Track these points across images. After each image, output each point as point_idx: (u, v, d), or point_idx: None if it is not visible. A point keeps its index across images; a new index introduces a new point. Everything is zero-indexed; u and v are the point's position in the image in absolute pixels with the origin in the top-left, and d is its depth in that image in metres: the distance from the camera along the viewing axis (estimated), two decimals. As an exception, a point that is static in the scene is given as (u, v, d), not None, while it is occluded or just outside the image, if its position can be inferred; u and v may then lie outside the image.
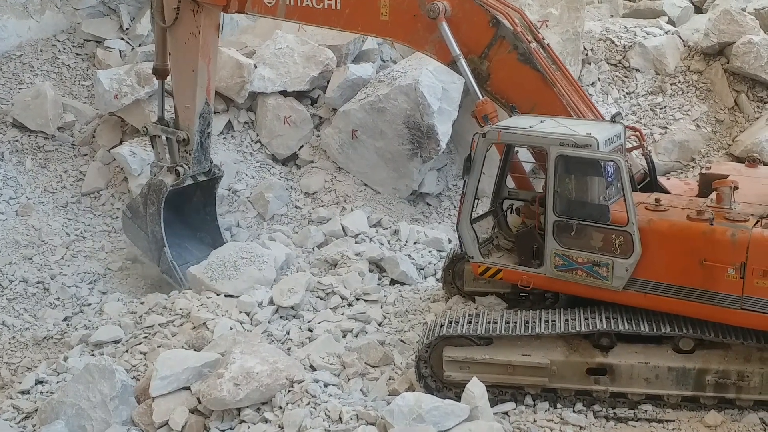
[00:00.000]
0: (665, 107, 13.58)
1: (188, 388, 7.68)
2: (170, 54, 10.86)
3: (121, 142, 13.51)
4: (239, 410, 7.33)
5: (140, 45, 15.28)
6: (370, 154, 13.15)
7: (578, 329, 7.26)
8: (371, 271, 10.53)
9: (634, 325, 7.23)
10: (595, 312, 7.47)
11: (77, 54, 15.17)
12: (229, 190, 12.96)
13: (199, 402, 7.52)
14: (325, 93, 13.87)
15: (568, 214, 7.44)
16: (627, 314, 7.36)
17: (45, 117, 13.57)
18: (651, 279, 7.20)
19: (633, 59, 14.05)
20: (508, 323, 7.51)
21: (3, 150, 13.42)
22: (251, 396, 7.27)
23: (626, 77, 14.02)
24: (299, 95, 13.92)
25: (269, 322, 9.29)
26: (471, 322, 7.56)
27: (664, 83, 13.84)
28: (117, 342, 9.34)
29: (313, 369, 8.09)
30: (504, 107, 8.67)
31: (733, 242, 6.81)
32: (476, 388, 6.90)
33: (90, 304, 11.14)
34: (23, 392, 8.64)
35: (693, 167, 12.91)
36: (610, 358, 7.32)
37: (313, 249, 11.63)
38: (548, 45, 8.98)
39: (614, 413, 7.37)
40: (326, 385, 7.70)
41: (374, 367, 8.29)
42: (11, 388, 8.99)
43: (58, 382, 8.61)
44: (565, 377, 7.42)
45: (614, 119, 8.17)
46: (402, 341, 8.81)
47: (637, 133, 8.76)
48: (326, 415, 7.09)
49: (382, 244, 11.38)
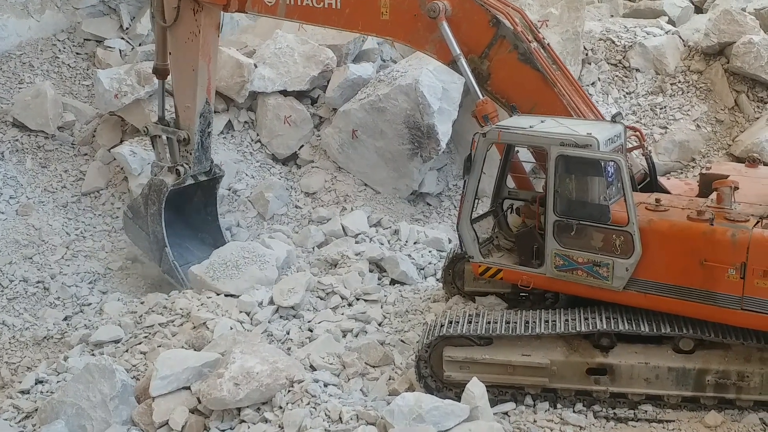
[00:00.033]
0: (665, 107, 13.57)
1: (188, 388, 7.67)
2: (170, 53, 10.85)
3: (121, 142, 13.50)
4: (239, 410, 7.33)
5: (140, 44, 15.27)
6: (370, 154, 13.14)
7: (578, 329, 7.26)
8: (371, 271, 10.52)
9: (635, 326, 7.22)
10: (595, 312, 7.47)
11: (77, 53, 15.17)
12: (229, 190, 12.96)
13: (199, 402, 7.52)
14: (326, 93, 13.85)
15: (569, 214, 7.44)
16: (627, 314, 7.36)
17: (45, 116, 13.57)
18: (651, 279, 7.20)
19: (633, 59, 14.04)
20: (508, 323, 7.50)
21: (3, 149, 13.42)
22: (251, 396, 7.26)
23: (626, 77, 14.01)
24: (299, 95, 13.91)
25: (269, 322, 9.29)
26: (471, 322, 7.56)
27: (665, 83, 13.83)
28: (117, 342, 9.34)
29: (313, 369, 8.08)
30: (504, 107, 8.66)
31: (734, 242, 6.80)
32: (476, 388, 6.90)
33: (90, 304, 11.14)
34: (23, 392, 8.63)
35: (693, 167, 12.91)
36: (610, 359, 7.32)
37: (313, 249, 11.63)
38: (548, 45, 8.97)
39: (614, 413, 7.37)
40: (326, 385, 7.70)
41: (374, 367, 8.29)
42: (11, 388, 8.98)
43: (58, 382, 8.60)
44: (565, 377, 7.41)
45: (614, 119, 8.15)
46: (402, 341, 8.81)
47: (638, 133, 8.76)
48: (326, 415, 7.09)
49: (382, 244, 11.37)
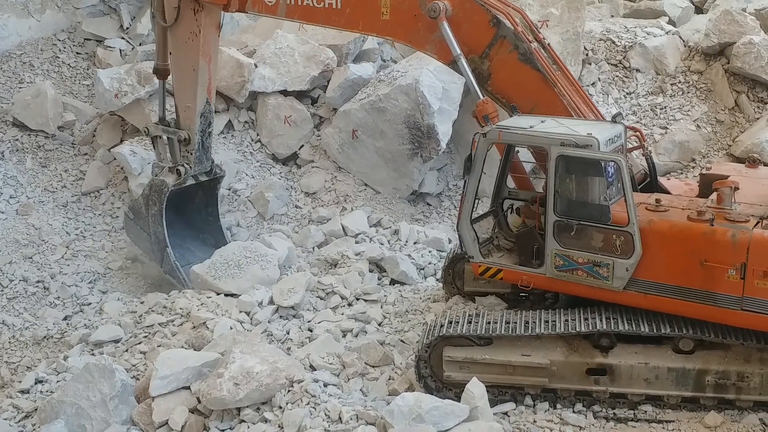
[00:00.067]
0: (665, 107, 13.57)
1: (188, 388, 7.67)
2: (171, 53, 10.85)
3: (122, 142, 13.51)
4: (239, 410, 7.32)
5: (140, 44, 15.27)
6: (371, 154, 13.14)
7: (578, 329, 7.26)
8: (371, 271, 10.52)
9: (634, 326, 7.22)
10: (595, 312, 7.47)
11: (77, 53, 15.17)
12: (229, 190, 12.96)
13: (199, 401, 7.51)
14: (326, 92, 13.85)
15: (569, 215, 7.44)
16: (627, 314, 7.35)
17: (45, 116, 13.58)
18: (651, 279, 7.19)
19: (633, 59, 14.04)
20: (508, 323, 7.50)
21: (3, 149, 13.42)
22: (251, 396, 7.26)
23: (627, 77, 14.01)
24: (299, 95, 13.91)
25: (269, 322, 9.29)
26: (471, 322, 7.56)
27: (665, 83, 13.83)
28: (117, 341, 9.34)
29: (313, 369, 8.08)
30: (504, 107, 8.66)
31: (734, 243, 6.80)
32: (476, 388, 6.90)
33: (90, 304, 11.14)
34: (23, 391, 8.63)
35: (693, 168, 12.91)
36: (610, 359, 7.32)
37: (313, 249, 11.63)
38: (549, 45, 8.97)
39: (614, 414, 7.36)
40: (326, 385, 7.69)
41: (374, 367, 8.28)
42: (11, 388, 8.98)
43: (58, 382, 8.60)
44: (565, 377, 7.41)
45: (615, 119, 8.14)
46: (402, 341, 8.80)
47: (638, 134, 8.75)
48: (326, 415, 7.08)
49: (382, 244, 11.37)
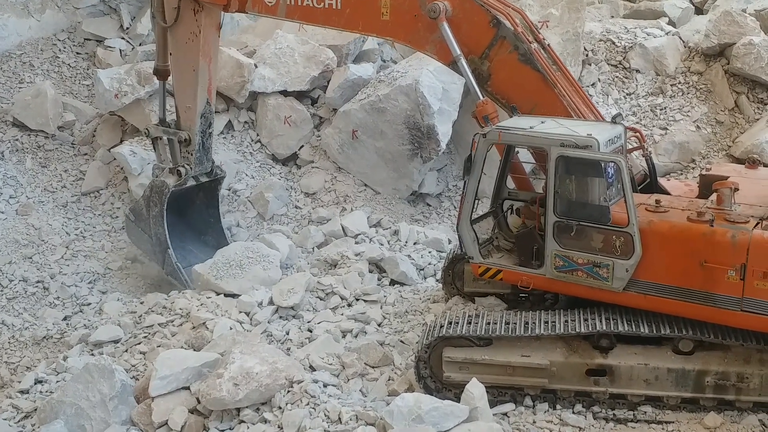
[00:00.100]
0: (665, 108, 13.57)
1: (188, 388, 7.67)
2: (171, 54, 10.85)
3: (121, 142, 13.51)
4: (238, 410, 7.33)
5: (141, 44, 15.27)
6: (370, 155, 13.14)
7: (578, 330, 7.25)
8: (371, 272, 10.51)
9: (634, 327, 7.22)
10: (595, 313, 7.46)
11: (77, 53, 15.17)
12: (229, 190, 12.96)
13: (199, 402, 7.51)
14: (326, 93, 13.85)
15: (569, 215, 7.43)
16: (627, 315, 7.35)
17: (45, 116, 13.57)
18: (651, 280, 7.19)
19: (633, 60, 14.04)
20: (508, 324, 7.49)
21: (3, 149, 13.42)
22: (250, 396, 7.26)
23: (626, 78, 14.01)
24: (299, 95, 13.91)
25: (269, 322, 9.28)
26: (470, 323, 7.55)
27: (665, 84, 13.83)
28: (116, 342, 9.34)
29: (313, 369, 8.08)
30: (504, 108, 8.66)
31: (734, 244, 6.80)
32: (476, 389, 6.90)
33: (89, 304, 11.14)
34: (22, 392, 8.63)
35: (693, 168, 12.91)
36: (610, 360, 7.31)
37: (313, 249, 11.62)
38: (549, 45, 8.97)
39: (614, 414, 7.36)
40: (326, 386, 7.69)
41: (374, 368, 8.28)
42: (10, 388, 8.98)
43: (58, 382, 8.60)
44: (565, 378, 7.40)
45: (615, 120, 8.14)
46: (401, 342, 8.80)
47: (638, 134, 8.75)
48: (325, 416, 7.09)
49: (382, 245, 11.36)
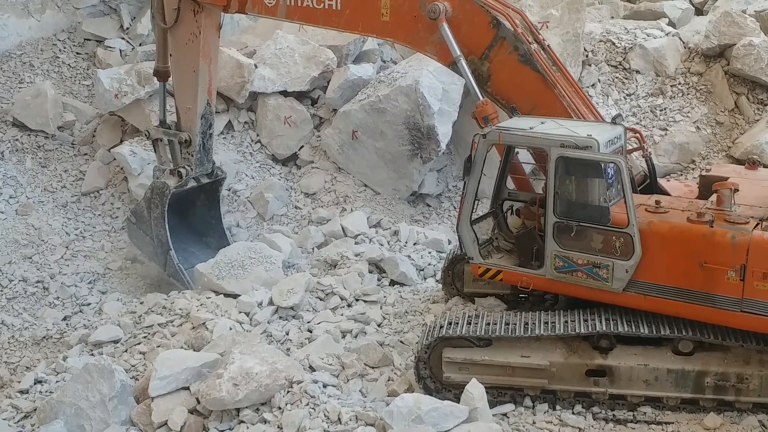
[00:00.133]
0: (665, 109, 13.58)
1: (187, 389, 7.67)
2: (171, 55, 10.85)
3: (121, 142, 13.50)
4: (238, 411, 7.32)
5: (141, 44, 15.27)
6: (370, 155, 13.14)
7: (578, 331, 7.25)
8: (371, 272, 10.50)
9: (634, 327, 7.21)
10: (595, 314, 7.46)
11: (78, 53, 15.17)
12: (229, 190, 12.95)
13: (198, 402, 7.51)
14: (326, 93, 13.85)
15: (569, 216, 7.43)
16: (626, 316, 7.35)
17: (45, 116, 13.57)
18: (651, 281, 7.19)
19: (633, 61, 14.05)
20: (508, 324, 7.49)
21: (3, 149, 13.42)
22: (250, 396, 7.26)
23: (626, 79, 14.02)
24: (299, 95, 13.91)
25: (268, 323, 9.27)
26: (470, 324, 7.55)
27: (665, 85, 13.83)
28: (116, 342, 9.33)
29: (313, 369, 8.08)
30: (504, 108, 8.66)
31: (733, 244, 6.80)
32: (475, 390, 6.90)
33: (89, 304, 11.14)
34: (22, 392, 8.63)
35: (693, 169, 12.91)
36: (610, 360, 7.31)
37: (313, 249, 11.62)
38: (549, 46, 8.98)
39: (613, 415, 7.35)
40: (325, 386, 7.69)
41: (373, 368, 8.27)
42: (10, 388, 8.98)
43: (57, 382, 8.59)
44: (565, 379, 7.40)
45: (614, 121, 8.15)
46: (401, 342, 8.80)
47: (637, 135, 8.76)
48: (325, 416, 7.09)
49: (382, 245, 11.36)
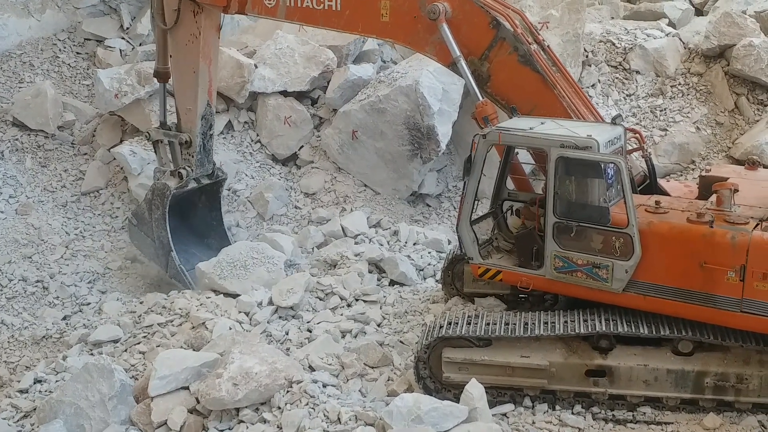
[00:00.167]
0: (665, 109, 13.58)
1: (187, 388, 7.67)
2: (171, 56, 10.84)
3: (121, 142, 13.50)
4: (238, 410, 7.33)
5: (141, 44, 15.27)
6: (370, 155, 13.14)
7: (577, 331, 7.26)
8: (370, 272, 10.50)
9: (634, 327, 7.22)
10: (595, 314, 7.46)
11: (78, 53, 15.17)
12: (229, 190, 12.95)
13: (198, 402, 7.52)
14: (326, 93, 13.85)
15: (568, 216, 7.43)
16: (626, 316, 7.35)
17: (45, 116, 13.57)
18: (651, 281, 7.19)
19: (633, 61, 14.05)
20: (507, 325, 7.49)
21: (3, 149, 13.42)
22: (250, 396, 7.27)
23: (626, 79, 14.02)
24: (299, 95, 13.91)
25: (268, 323, 9.28)
26: (470, 324, 7.55)
27: (665, 85, 13.83)
28: (116, 341, 9.33)
29: (312, 369, 8.09)
30: (504, 109, 8.66)
31: (733, 245, 6.80)
32: (475, 390, 6.90)
33: (89, 304, 11.14)
34: (22, 391, 8.63)
35: (693, 170, 12.92)
36: (609, 360, 7.32)
37: (313, 249, 11.61)
38: (548, 47, 8.98)
39: (613, 415, 7.36)
40: (325, 386, 7.70)
41: (373, 368, 8.28)
42: (10, 387, 8.98)
43: (57, 382, 8.60)
44: (564, 379, 7.41)
45: (614, 121, 8.15)
46: (401, 342, 8.80)
47: (637, 135, 8.76)
48: (325, 416, 7.09)
49: (382, 245, 11.36)
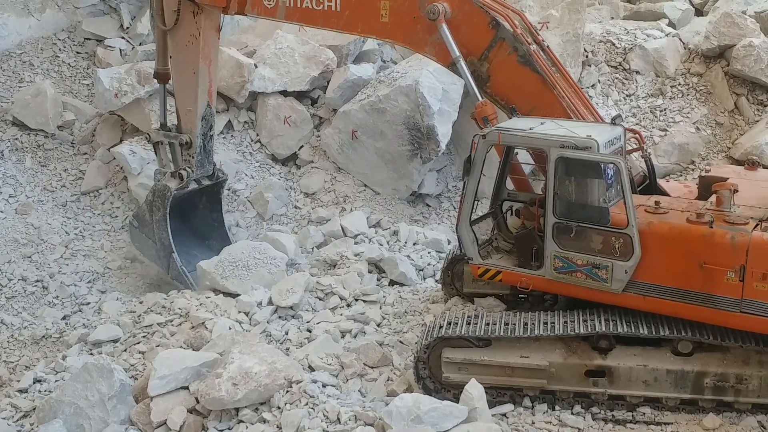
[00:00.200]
0: (665, 110, 13.58)
1: (186, 388, 7.67)
2: (171, 57, 10.83)
3: (121, 141, 13.50)
4: (237, 410, 7.33)
5: (140, 44, 15.28)
6: (370, 155, 13.14)
7: (577, 331, 7.26)
8: (370, 272, 10.51)
9: (633, 328, 7.22)
10: (594, 314, 7.47)
11: (77, 52, 15.17)
12: (229, 190, 12.94)
13: (198, 402, 7.52)
14: (326, 93, 13.85)
15: (568, 216, 7.44)
16: (626, 316, 7.35)
17: (45, 115, 13.57)
18: (650, 281, 7.19)
19: (633, 61, 14.05)
20: (507, 325, 7.50)
21: (3, 148, 13.41)
22: (249, 396, 7.27)
23: (626, 79, 14.02)
24: (299, 95, 13.91)
25: (268, 322, 9.28)
26: (470, 324, 7.56)
27: (664, 86, 13.83)
28: (115, 341, 9.34)
29: (312, 369, 8.09)
30: (503, 109, 8.66)
31: (733, 245, 6.81)
32: (475, 390, 6.90)
33: (89, 303, 11.14)
34: (21, 391, 8.63)
35: (692, 170, 12.92)
36: (609, 361, 7.32)
37: (313, 249, 11.61)
38: (548, 47, 8.97)
39: (612, 416, 7.36)
40: (324, 386, 7.70)
41: (373, 368, 8.28)
42: (9, 387, 8.99)
43: (57, 381, 8.60)
44: (564, 379, 7.41)
45: (614, 121, 8.15)
46: (401, 342, 8.80)
47: (637, 136, 8.76)
48: (324, 416, 7.09)
49: (382, 245, 11.36)
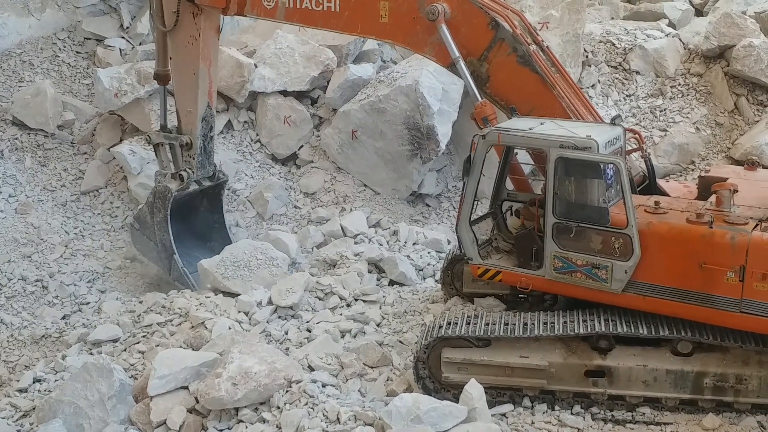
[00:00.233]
0: (665, 110, 13.58)
1: (186, 388, 7.67)
2: (171, 58, 10.83)
3: (121, 141, 13.51)
4: (237, 410, 7.33)
5: (140, 43, 15.28)
6: (370, 155, 13.14)
7: (577, 331, 7.26)
8: (370, 272, 10.50)
9: (633, 328, 7.22)
10: (594, 314, 7.47)
11: (77, 52, 15.17)
12: (229, 190, 12.94)
13: (197, 401, 7.51)
14: (325, 93, 13.86)
15: (568, 217, 7.44)
16: (626, 317, 7.35)
17: (45, 115, 13.58)
18: (650, 282, 7.19)
19: (633, 62, 14.05)
20: (507, 325, 7.50)
21: (2, 148, 13.42)
22: (249, 396, 7.27)
23: (626, 80, 14.02)
24: (299, 95, 13.92)
25: (268, 322, 9.28)
26: (469, 324, 7.56)
27: (664, 86, 13.84)
28: (115, 341, 9.34)
29: (312, 369, 8.09)
30: (503, 109, 8.66)
31: (733, 245, 6.81)
32: (474, 390, 6.90)
33: (88, 303, 11.15)
34: (21, 390, 8.63)
35: (692, 170, 12.92)
36: (609, 361, 7.32)
37: (312, 249, 11.61)
38: (547, 47, 8.97)
39: (612, 416, 7.36)
40: (324, 386, 7.70)
41: (372, 368, 8.28)
42: (9, 387, 8.99)
43: (56, 381, 8.60)
44: (564, 379, 7.41)
45: (614, 122, 8.15)
46: (400, 342, 8.80)
47: (637, 136, 8.76)
48: (324, 416, 7.09)
49: (381, 245, 11.36)
